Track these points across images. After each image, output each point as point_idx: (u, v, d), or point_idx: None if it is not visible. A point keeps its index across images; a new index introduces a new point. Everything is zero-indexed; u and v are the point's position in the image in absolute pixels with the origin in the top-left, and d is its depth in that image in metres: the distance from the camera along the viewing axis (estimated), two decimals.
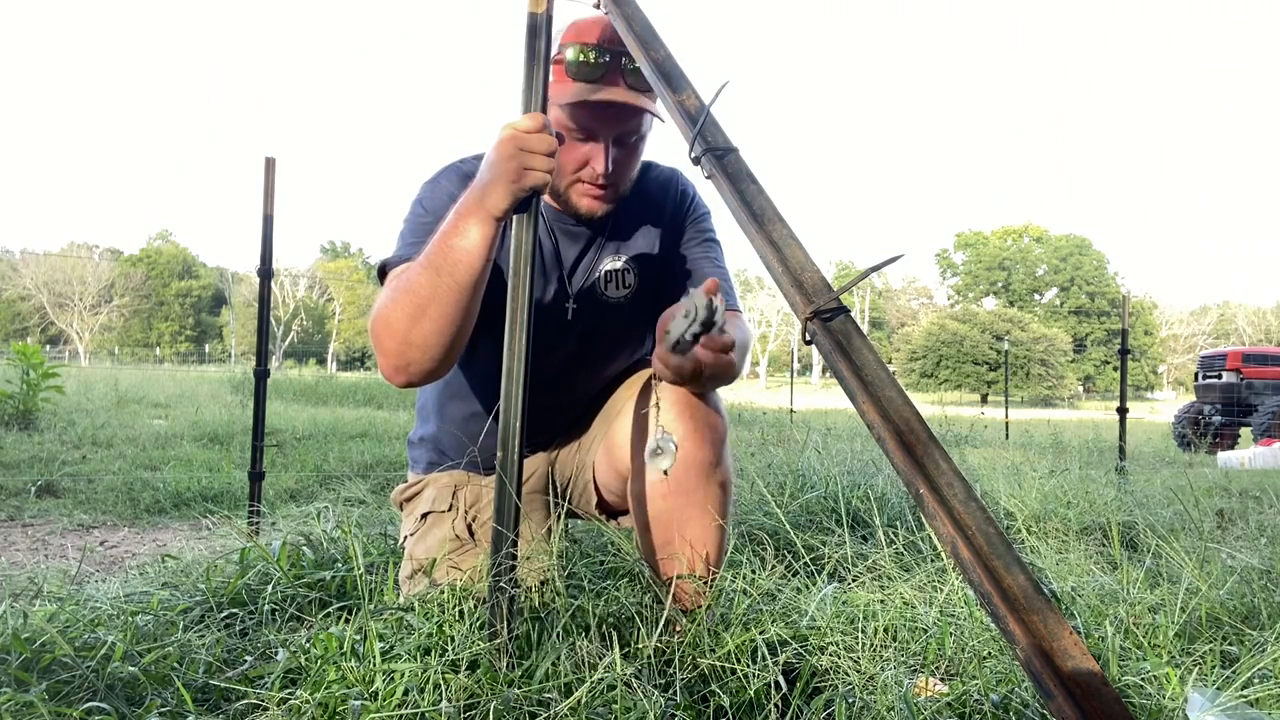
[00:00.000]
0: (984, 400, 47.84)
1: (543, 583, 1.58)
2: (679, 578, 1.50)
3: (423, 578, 1.65)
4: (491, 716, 1.14)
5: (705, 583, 1.50)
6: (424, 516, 1.78)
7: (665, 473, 1.47)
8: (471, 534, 1.74)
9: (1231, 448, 11.29)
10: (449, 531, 1.74)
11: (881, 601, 1.60)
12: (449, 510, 1.76)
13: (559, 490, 1.82)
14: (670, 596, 1.43)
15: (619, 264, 1.70)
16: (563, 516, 1.70)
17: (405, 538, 1.82)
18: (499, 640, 1.28)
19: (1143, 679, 1.38)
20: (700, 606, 1.46)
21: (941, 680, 1.39)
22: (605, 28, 1.49)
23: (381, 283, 1.53)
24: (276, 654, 1.39)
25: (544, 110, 1.35)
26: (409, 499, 1.87)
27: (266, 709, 1.20)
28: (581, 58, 1.47)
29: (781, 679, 1.30)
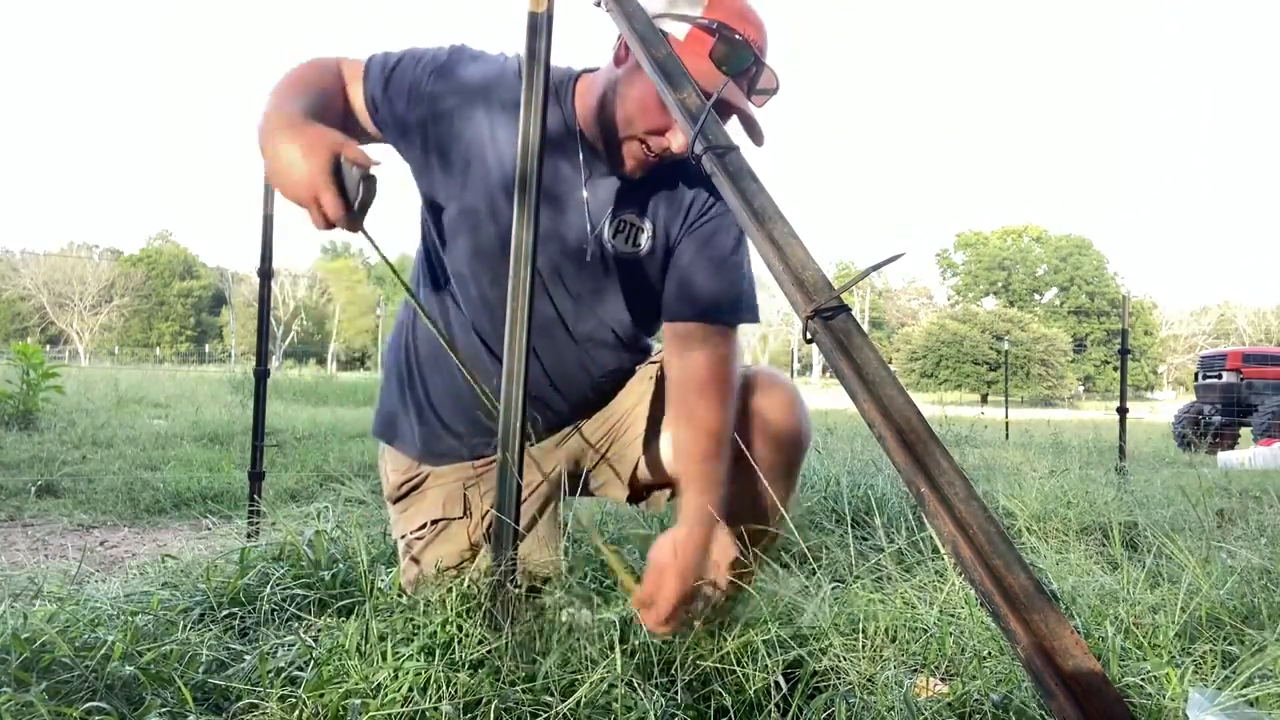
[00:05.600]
0: (984, 400, 47.82)
1: (545, 580, 1.57)
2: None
3: (429, 586, 1.60)
4: (492, 716, 1.14)
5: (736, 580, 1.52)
6: (434, 522, 1.65)
7: None
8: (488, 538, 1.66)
9: (1231, 448, 11.27)
10: (466, 541, 1.63)
11: (881, 602, 1.60)
12: (464, 517, 1.64)
13: (571, 476, 1.71)
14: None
15: (633, 219, 1.59)
16: (561, 510, 1.68)
17: (405, 538, 1.68)
18: (501, 640, 1.28)
19: (1143, 679, 1.38)
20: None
21: (941, 680, 1.39)
22: (761, 27, 1.45)
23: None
24: (276, 654, 1.39)
25: (544, 110, 1.34)
26: (407, 494, 1.71)
27: (266, 708, 1.20)
28: (735, 52, 1.41)
29: (781, 679, 1.30)
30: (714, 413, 1.51)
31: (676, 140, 1.46)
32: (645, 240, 1.59)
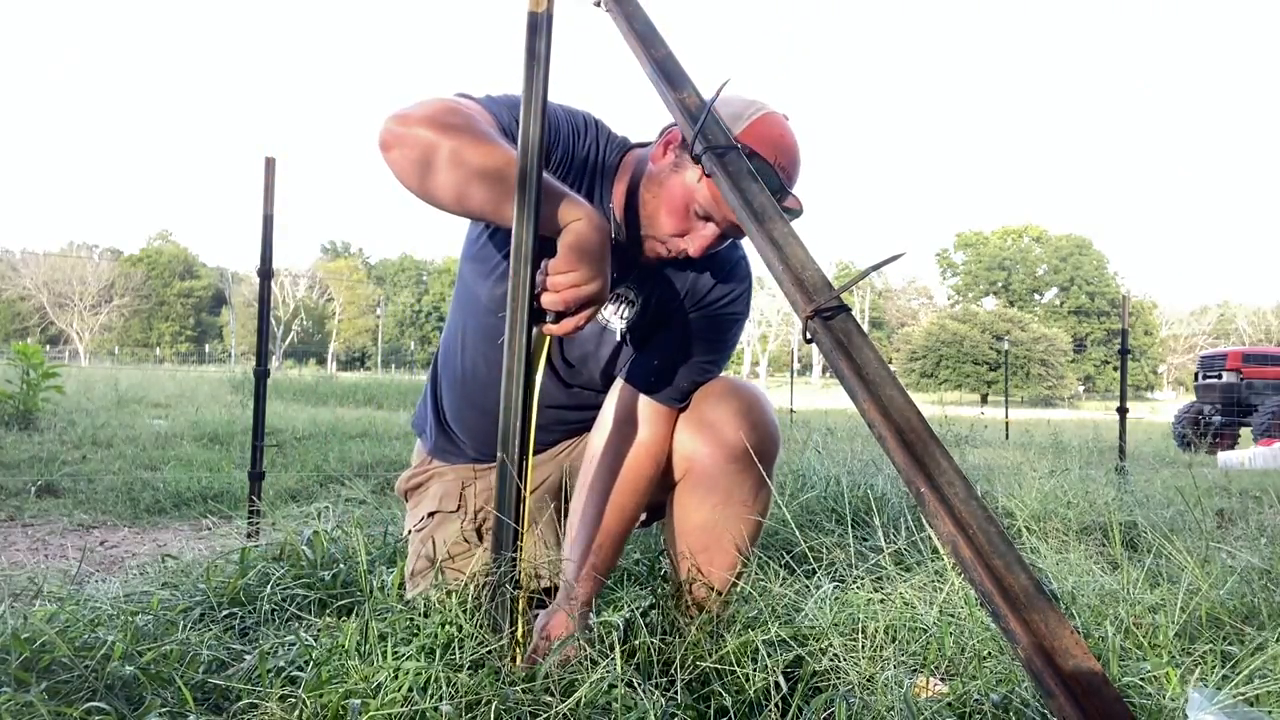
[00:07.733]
0: (984, 400, 47.84)
1: (537, 574, 1.58)
2: (697, 582, 1.57)
3: (426, 577, 1.65)
4: (492, 716, 1.14)
5: (722, 590, 1.56)
6: (431, 515, 1.76)
7: None
8: (480, 537, 1.72)
9: (1231, 448, 11.28)
10: (457, 533, 1.71)
11: (881, 601, 1.60)
12: (457, 511, 1.74)
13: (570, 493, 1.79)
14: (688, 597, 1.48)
15: (627, 292, 1.61)
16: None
17: (410, 532, 1.80)
18: (502, 640, 1.28)
19: (1143, 679, 1.38)
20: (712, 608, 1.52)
21: (941, 680, 1.39)
22: (793, 156, 1.45)
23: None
24: (276, 654, 1.39)
25: (543, 110, 1.34)
26: (414, 488, 1.84)
27: (266, 708, 1.20)
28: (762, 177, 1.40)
29: (782, 679, 1.30)
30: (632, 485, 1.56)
31: (693, 244, 1.48)
32: (633, 313, 1.63)
